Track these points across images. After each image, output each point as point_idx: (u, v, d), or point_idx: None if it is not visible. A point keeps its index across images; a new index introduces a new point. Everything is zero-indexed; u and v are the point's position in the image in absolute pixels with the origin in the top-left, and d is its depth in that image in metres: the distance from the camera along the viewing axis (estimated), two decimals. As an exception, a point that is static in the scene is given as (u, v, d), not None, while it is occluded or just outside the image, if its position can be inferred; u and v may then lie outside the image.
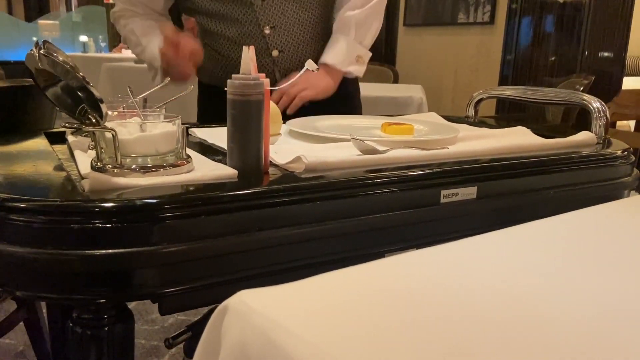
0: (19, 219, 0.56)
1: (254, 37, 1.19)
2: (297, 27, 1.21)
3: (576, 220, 0.63)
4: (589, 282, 0.46)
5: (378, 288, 0.43)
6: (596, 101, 1.07)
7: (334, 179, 0.69)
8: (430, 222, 0.77)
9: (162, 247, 0.58)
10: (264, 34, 1.19)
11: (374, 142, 0.83)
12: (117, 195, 0.59)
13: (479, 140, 0.97)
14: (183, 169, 0.68)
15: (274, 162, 0.75)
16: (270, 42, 1.19)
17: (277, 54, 1.20)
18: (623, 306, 0.42)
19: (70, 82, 0.65)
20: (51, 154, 0.79)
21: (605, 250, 0.55)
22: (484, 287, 0.44)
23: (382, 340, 0.35)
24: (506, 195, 0.84)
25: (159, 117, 0.74)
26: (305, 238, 0.67)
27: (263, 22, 1.17)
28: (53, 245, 0.56)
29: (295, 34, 1.21)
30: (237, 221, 0.62)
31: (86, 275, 0.57)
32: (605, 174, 0.95)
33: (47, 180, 0.67)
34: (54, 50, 0.66)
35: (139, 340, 1.78)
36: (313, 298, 0.41)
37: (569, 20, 3.79)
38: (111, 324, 0.62)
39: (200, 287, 0.62)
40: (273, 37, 1.19)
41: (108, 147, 0.66)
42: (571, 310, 0.41)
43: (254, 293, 0.40)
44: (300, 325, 0.36)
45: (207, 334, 0.41)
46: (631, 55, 4.61)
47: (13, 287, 0.60)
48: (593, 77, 3.23)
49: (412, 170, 0.76)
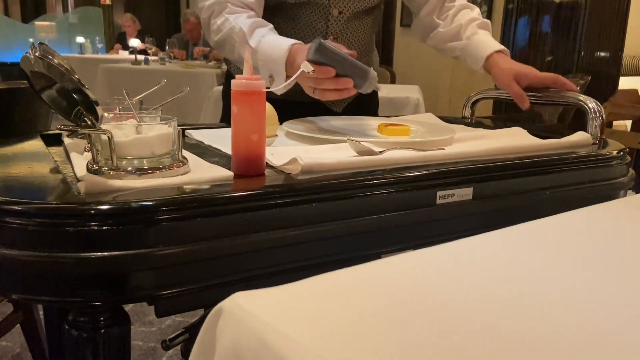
0: (15, 222, 0.56)
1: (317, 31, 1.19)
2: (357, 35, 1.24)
3: (572, 221, 0.63)
4: (586, 282, 0.46)
5: (374, 290, 0.43)
6: (592, 101, 1.07)
7: (330, 181, 0.70)
8: (426, 223, 0.77)
9: (158, 249, 0.58)
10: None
11: (370, 143, 0.84)
12: (113, 198, 0.59)
13: (475, 141, 0.97)
14: (179, 171, 0.68)
15: (270, 164, 0.75)
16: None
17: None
18: (620, 306, 0.42)
19: (66, 84, 0.64)
20: (47, 155, 0.79)
21: (602, 250, 0.55)
22: (480, 288, 0.44)
23: (378, 342, 0.35)
24: (502, 196, 0.84)
25: (155, 119, 0.74)
26: (302, 240, 0.67)
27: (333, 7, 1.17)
28: (49, 248, 0.56)
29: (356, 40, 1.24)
30: (233, 223, 0.62)
31: (82, 278, 0.57)
32: (601, 174, 0.95)
33: (43, 183, 0.67)
34: (50, 52, 0.66)
35: (136, 342, 1.78)
36: (308, 300, 0.41)
37: (566, 20, 3.80)
38: (107, 327, 0.62)
39: (197, 289, 0.62)
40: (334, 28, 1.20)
41: (104, 150, 0.66)
42: (568, 310, 0.41)
43: (248, 295, 0.40)
44: (294, 328, 0.36)
45: (202, 336, 0.41)
46: (627, 55, 4.62)
47: (9, 290, 0.60)
48: (589, 77, 3.24)
49: (408, 171, 0.76)
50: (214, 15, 1.09)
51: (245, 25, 1.04)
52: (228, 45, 1.08)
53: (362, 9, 1.20)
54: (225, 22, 1.07)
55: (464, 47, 1.21)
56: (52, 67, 0.64)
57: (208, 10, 1.10)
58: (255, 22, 1.05)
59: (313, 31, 1.19)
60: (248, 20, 1.05)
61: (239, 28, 1.04)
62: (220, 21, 1.08)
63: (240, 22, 1.05)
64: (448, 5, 1.26)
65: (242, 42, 1.04)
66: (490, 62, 1.16)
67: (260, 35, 1.03)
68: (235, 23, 1.05)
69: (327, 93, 0.91)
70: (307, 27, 1.19)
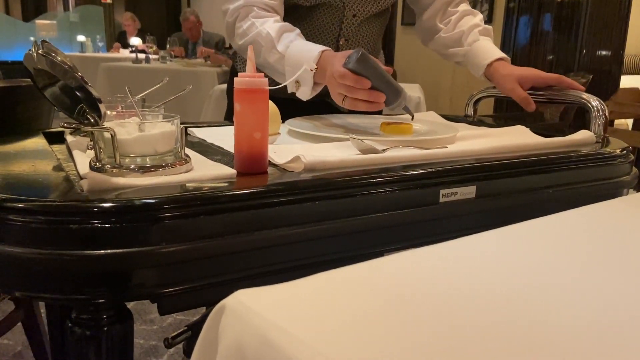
0: (18, 219, 0.56)
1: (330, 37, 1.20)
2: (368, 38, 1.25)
3: (575, 219, 0.63)
4: (588, 280, 0.46)
5: (376, 287, 0.43)
6: (595, 100, 1.07)
7: (332, 179, 0.69)
8: (429, 221, 0.77)
9: (161, 247, 0.58)
10: (339, 44, 1.21)
11: (373, 142, 0.83)
12: (116, 195, 0.59)
13: (477, 139, 0.97)
14: (182, 168, 0.68)
15: (272, 162, 0.75)
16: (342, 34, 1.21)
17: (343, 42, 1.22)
18: (622, 305, 0.42)
19: (69, 82, 0.64)
20: (50, 153, 0.79)
21: (604, 248, 0.55)
22: (483, 286, 0.44)
23: (381, 340, 0.35)
24: (505, 195, 0.84)
25: (158, 116, 0.74)
26: (304, 238, 0.67)
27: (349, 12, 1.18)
28: (51, 245, 0.56)
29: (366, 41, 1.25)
30: (235, 221, 0.62)
31: (85, 276, 0.57)
32: (604, 172, 0.95)
33: (46, 181, 0.67)
34: (53, 50, 0.66)
35: (138, 340, 1.78)
36: (310, 298, 0.40)
37: (567, 18, 3.79)
38: (110, 324, 0.62)
39: (199, 287, 0.62)
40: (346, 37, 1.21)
41: (107, 147, 0.66)
42: (570, 308, 0.41)
43: (251, 293, 0.40)
44: (297, 325, 0.36)
45: (205, 333, 0.41)
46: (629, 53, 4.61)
47: (12, 288, 0.60)
48: (591, 76, 3.24)
49: (411, 169, 0.76)
50: (240, 18, 1.08)
51: (273, 30, 1.03)
52: (256, 46, 1.06)
53: (375, 12, 1.21)
54: (251, 26, 1.06)
55: (466, 54, 1.22)
56: (56, 64, 0.64)
57: (234, 14, 1.09)
58: (283, 26, 1.05)
59: (326, 33, 1.19)
60: (275, 24, 1.04)
61: (266, 32, 1.03)
62: (246, 25, 1.07)
63: (267, 26, 1.04)
64: (451, 10, 1.26)
65: (269, 47, 1.03)
66: (491, 70, 1.17)
67: (289, 40, 1.02)
68: (262, 28, 1.04)
69: (358, 103, 0.91)
70: (320, 28, 1.19)
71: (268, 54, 1.03)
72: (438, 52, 1.30)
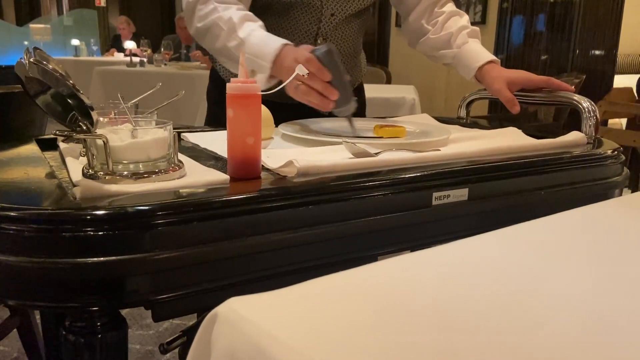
0: (10, 228, 0.56)
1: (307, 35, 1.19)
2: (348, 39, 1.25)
3: (567, 221, 0.63)
4: (582, 282, 0.46)
5: (369, 293, 0.43)
6: (586, 101, 1.08)
7: (326, 183, 0.70)
8: (422, 224, 0.78)
9: (154, 253, 0.58)
10: (317, 43, 1.19)
11: (366, 145, 0.84)
12: (109, 203, 0.59)
13: (470, 141, 0.97)
14: (175, 174, 0.68)
15: (266, 167, 0.75)
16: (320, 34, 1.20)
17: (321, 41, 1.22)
18: (616, 306, 0.42)
19: (61, 90, 0.64)
20: (42, 160, 0.78)
21: (597, 249, 0.55)
22: (477, 289, 0.44)
23: (374, 346, 0.35)
24: (497, 197, 0.84)
25: (151, 123, 0.74)
26: (298, 242, 0.67)
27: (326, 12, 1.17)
28: (45, 253, 0.56)
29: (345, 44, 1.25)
30: (229, 226, 0.62)
31: (78, 283, 0.57)
32: (596, 173, 0.95)
33: (39, 188, 0.67)
34: (44, 57, 0.66)
35: (134, 345, 1.78)
36: (303, 305, 0.41)
37: (560, 19, 3.81)
38: (104, 332, 0.62)
39: (194, 293, 0.62)
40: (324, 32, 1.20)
41: (99, 154, 0.66)
42: (564, 310, 0.41)
43: (244, 300, 0.40)
44: (290, 333, 0.36)
45: (198, 341, 0.41)
46: (622, 53, 4.63)
47: (5, 297, 0.60)
48: (584, 76, 3.25)
49: (404, 172, 0.76)
50: (202, 1, 1.05)
51: (236, 16, 1.01)
52: (211, 34, 1.04)
53: (354, 12, 1.20)
54: (213, 10, 1.03)
55: (455, 56, 1.22)
56: (47, 72, 0.64)
57: None
58: (247, 15, 1.03)
59: (303, 31, 1.18)
60: (238, 12, 1.03)
61: (228, 17, 1.01)
62: (208, 9, 1.04)
63: (230, 12, 1.02)
64: (437, 11, 1.26)
65: (229, 32, 1.01)
66: (482, 73, 1.17)
67: (250, 29, 1.00)
68: (224, 12, 1.02)
69: (312, 93, 0.91)
70: (298, 27, 1.18)
71: (228, 38, 1.01)
72: (426, 54, 1.30)
